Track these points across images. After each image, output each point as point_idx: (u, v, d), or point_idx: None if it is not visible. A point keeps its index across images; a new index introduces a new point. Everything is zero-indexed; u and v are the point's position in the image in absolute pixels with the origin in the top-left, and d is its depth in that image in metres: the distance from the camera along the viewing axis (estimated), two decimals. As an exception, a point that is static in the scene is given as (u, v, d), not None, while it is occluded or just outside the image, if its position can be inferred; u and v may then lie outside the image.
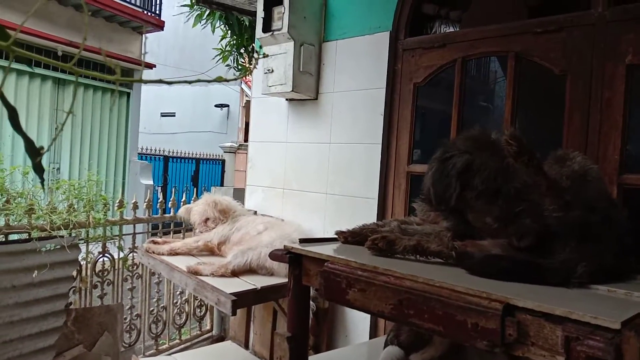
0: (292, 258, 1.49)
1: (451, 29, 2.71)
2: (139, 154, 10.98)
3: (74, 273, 3.60)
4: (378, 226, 1.74)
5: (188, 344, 4.49)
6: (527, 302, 1.05)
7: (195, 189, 4.48)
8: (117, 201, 3.88)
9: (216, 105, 13.93)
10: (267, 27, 2.94)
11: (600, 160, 2.09)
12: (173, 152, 12.10)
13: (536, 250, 1.36)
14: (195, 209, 3.07)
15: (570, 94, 2.18)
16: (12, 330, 3.03)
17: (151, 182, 9.69)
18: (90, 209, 3.68)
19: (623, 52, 2.04)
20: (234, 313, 2.23)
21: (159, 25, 9.52)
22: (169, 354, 4.11)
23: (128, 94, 9.54)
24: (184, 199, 3.70)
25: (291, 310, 1.56)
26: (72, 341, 3.53)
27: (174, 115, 14.28)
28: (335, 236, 1.72)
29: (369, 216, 2.74)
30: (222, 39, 7.55)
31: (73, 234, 3.64)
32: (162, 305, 4.52)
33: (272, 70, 2.95)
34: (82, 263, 3.70)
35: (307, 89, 2.97)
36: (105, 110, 9.18)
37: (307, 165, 3.10)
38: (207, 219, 2.95)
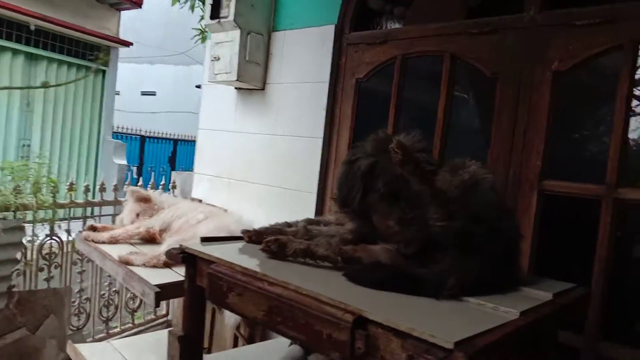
0: (185, 258, 1.48)
1: (397, 26, 2.68)
2: (114, 132, 10.86)
3: (18, 255, 3.56)
4: (286, 226, 1.73)
5: (142, 327, 4.47)
6: (377, 316, 1.05)
7: (172, 170, 4.45)
8: (68, 183, 3.83)
9: (197, 86, 13.79)
10: (215, 14, 2.89)
11: (523, 165, 2.10)
12: (150, 132, 11.98)
13: (421, 259, 1.36)
14: (124, 211, 3.06)
15: (500, 97, 2.17)
16: (-55, 311, 2.99)
17: (125, 162, 9.59)
18: (37, 191, 3.62)
19: (551, 57, 2.03)
20: (157, 305, 2.22)
21: (137, 3, 9.34)
22: (119, 338, 4.08)
23: (103, 72, 9.38)
24: (162, 182, 3.68)
25: (185, 310, 1.55)
26: (13, 324, 3.50)
27: (155, 94, 14.14)
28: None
29: (309, 210, 2.73)
30: (201, 19, 7.42)
31: (18, 217, 3.60)
32: (114, 289, 4.50)
33: (219, 58, 2.90)
34: (27, 246, 3.65)
35: (253, 79, 2.94)
36: (79, 87, 9.02)
37: (252, 156, 3.07)
38: (137, 214, 2.93)
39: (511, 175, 2.13)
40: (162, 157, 12.07)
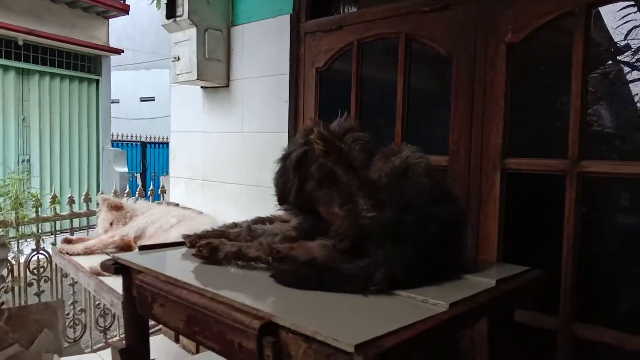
0: (118, 269, 1.43)
1: (353, 10, 2.60)
2: (115, 141, 10.89)
3: (4, 272, 3.56)
4: (232, 227, 1.67)
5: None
6: (285, 320, 0.98)
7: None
8: (51, 197, 3.81)
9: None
10: (170, 13, 2.83)
11: (485, 145, 2.01)
12: (151, 138, 12.00)
13: (356, 253, 1.29)
14: (98, 220, 3.03)
15: (455, 76, 2.08)
16: None
17: (125, 170, 9.62)
18: (17, 206, 3.61)
19: (503, 29, 1.94)
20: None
21: (124, 10, 9.30)
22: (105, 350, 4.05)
23: (97, 81, 9.38)
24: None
25: (125, 322, 1.50)
26: (5, 341, 3.50)
27: (154, 100, 14.15)
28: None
29: (280, 207, 2.66)
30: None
31: (0, 234, 3.59)
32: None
33: (179, 58, 2.84)
34: (13, 262, 3.65)
35: (215, 76, 2.87)
36: (73, 98, 9.04)
37: (223, 156, 3.02)
38: (111, 223, 2.89)
39: (473, 156, 2.04)
40: (165, 162, 12.08)
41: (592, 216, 1.80)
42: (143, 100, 14.14)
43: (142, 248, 1.56)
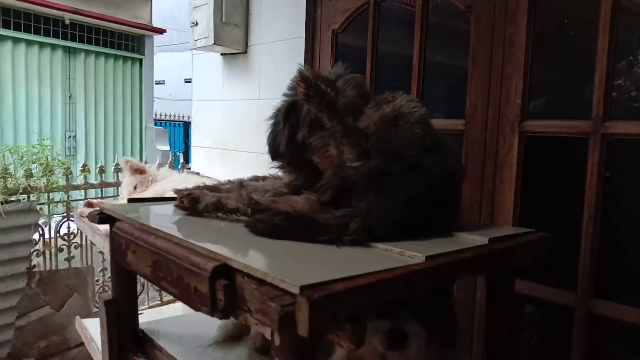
0: (102, 219, 1.40)
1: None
2: (158, 120, 11.14)
3: (35, 237, 3.67)
4: (226, 184, 1.62)
5: (171, 305, 4.53)
6: (239, 263, 0.91)
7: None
8: (82, 165, 3.89)
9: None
10: (189, -23, 2.79)
11: (503, 107, 1.87)
12: (193, 118, 12.17)
13: (339, 206, 1.21)
14: (122, 184, 3.04)
15: (474, 32, 1.93)
16: (-32, 291, 3.11)
17: (167, 148, 9.82)
18: (48, 173, 3.70)
19: (526, -20, 1.78)
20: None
21: (167, -11, 9.40)
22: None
23: (140, 60, 9.57)
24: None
25: (112, 272, 1.48)
26: (37, 302, 3.62)
27: (198, 81, 14.32)
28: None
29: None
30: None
31: (32, 199, 3.70)
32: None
33: (197, 23, 2.81)
34: (44, 227, 3.76)
35: (232, 42, 2.82)
36: (117, 77, 9.27)
37: (241, 124, 2.97)
38: (135, 187, 2.91)
39: (490, 119, 1.90)
40: (206, 142, 12.27)
41: (617, 182, 1.64)
42: (187, 81, 14.35)
43: (131, 200, 1.53)
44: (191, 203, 1.34)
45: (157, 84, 10.89)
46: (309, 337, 0.76)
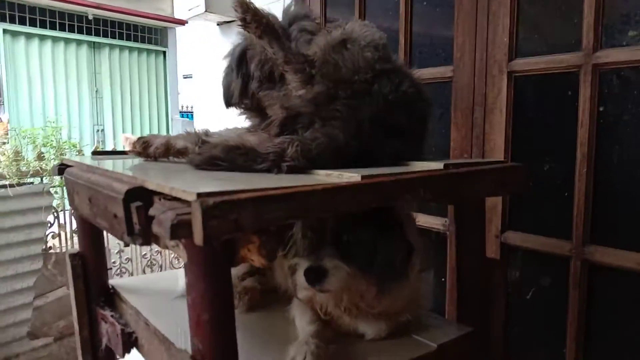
0: (61, 170, 1.38)
1: None
2: (184, 112, 11.26)
3: (50, 219, 3.74)
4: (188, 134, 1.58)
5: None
6: (152, 183, 0.86)
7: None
8: (94, 147, 3.94)
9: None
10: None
11: (490, 47, 1.75)
12: (220, 109, 12.24)
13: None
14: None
15: (457, -29, 1.82)
16: (-15, 272, 3.19)
17: (193, 138, 9.90)
18: (59, 155, 3.76)
19: None
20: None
21: (186, -20, 9.46)
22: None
23: (164, 53, 9.68)
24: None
25: (77, 227, 1.46)
26: (54, 283, 3.69)
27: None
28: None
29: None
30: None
31: (45, 181, 3.77)
32: (156, 249, 4.61)
33: (189, -7, 2.77)
34: (59, 209, 3.83)
35: (227, 9, 2.76)
36: (142, 70, 9.41)
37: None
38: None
39: (478, 61, 1.79)
40: (233, 132, 12.32)
41: (611, 117, 1.50)
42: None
43: (95, 153, 1.50)
44: (143, 147, 1.30)
45: (185, 77, 10.98)
46: (205, 244, 0.70)
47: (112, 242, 4.40)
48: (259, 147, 1.05)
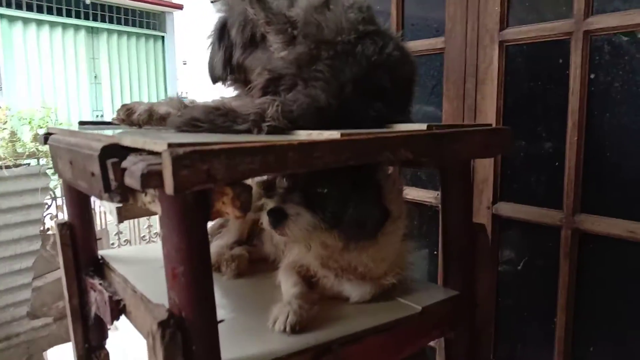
0: (46, 138, 1.37)
1: None
2: (183, 98, 11.23)
3: (47, 200, 3.75)
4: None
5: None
6: (128, 139, 0.86)
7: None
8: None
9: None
10: None
11: (482, 16, 1.73)
12: (219, 94, 12.21)
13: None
14: None
15: (448, -61, 1.79)
16: (-17, 253, 3.20)
17: (193, 124, 9.88)
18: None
19: None
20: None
21: (185, -35, 9.40)
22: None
23: (162, 37, 9.64)
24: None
25: (65, 196, 1.46)
26: (53, 264, 3.70)
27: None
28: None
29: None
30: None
31: (42, 163, 3.77)
32: (155, 231, 4.63)
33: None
34: (56, 191, 3.83)
35: (219, -13, 2.74)
36: (141, 55, 9.37)
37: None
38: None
39: (469, 32, 1.77)
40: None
41: (601, 84, 1.49)
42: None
43: (82, 123, 1.50)
44: (126, 114, 1.29)
45: (184, 64, 10.94)
46: (176, 193, 0.69)
47: (111, 227, 4.42)
48: (239, 109, 1.04)
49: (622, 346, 1.52)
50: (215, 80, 1.41)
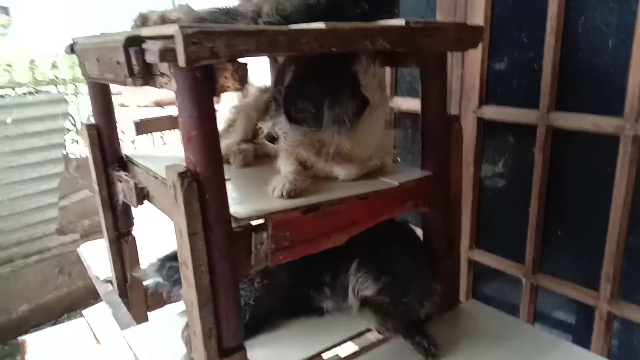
0: (73, 48, 1.53)
1: None
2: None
3: (67, 125, 3.95)
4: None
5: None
6: (146, 30, 1.02)
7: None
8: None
9: None
10: None
11: None
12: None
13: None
14: None
15: None
16: (12, 174, 3.45)
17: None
18: (73, 64, 3.91)
19: None
20: (137, 133, 2.36)
21: None
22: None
23: None
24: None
25: (91, 100, 1.64)
26: (76, 186, 3.96)
27: None
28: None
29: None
30: None
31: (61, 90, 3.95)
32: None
33: None
34: (74, 116, 4.04)
35: None
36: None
37: None
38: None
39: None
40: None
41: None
42: None
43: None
44: (141, 21, 1.45)
45: None
46: (188, 65, 0.87)
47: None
48: (239, 8, 1.20)
49: (585, 228, 1.71)
50: None
